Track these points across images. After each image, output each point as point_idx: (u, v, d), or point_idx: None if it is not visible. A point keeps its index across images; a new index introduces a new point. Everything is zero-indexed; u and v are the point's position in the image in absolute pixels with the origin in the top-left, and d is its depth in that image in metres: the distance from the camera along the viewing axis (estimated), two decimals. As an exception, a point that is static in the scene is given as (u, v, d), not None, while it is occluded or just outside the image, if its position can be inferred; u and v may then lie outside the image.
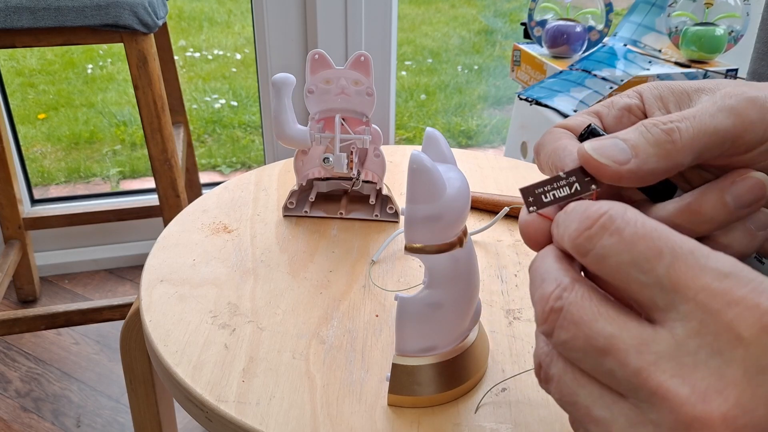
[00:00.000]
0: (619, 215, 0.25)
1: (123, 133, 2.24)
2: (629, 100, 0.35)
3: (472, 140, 2.34)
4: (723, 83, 0.32)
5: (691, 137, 0.29)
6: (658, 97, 0.34)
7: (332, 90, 0.56)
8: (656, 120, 0.30)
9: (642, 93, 0.35)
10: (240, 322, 0.48)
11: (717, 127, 0.29)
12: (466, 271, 0.39)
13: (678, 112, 0.30)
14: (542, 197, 0.33)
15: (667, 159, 0.29)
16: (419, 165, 0.34)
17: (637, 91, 0.35)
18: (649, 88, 0.35)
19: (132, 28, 0.87)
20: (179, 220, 0.61)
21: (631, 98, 0.35)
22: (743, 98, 0.29)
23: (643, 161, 0.29)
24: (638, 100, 0.35)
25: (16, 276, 1.32)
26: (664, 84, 0.34)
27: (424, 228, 0.36)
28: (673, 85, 0.34)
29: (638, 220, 0.24)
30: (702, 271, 0.22)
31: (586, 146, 0.30)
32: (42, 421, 1.08)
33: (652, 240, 0.23)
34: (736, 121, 0.29)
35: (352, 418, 0.40)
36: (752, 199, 0.30)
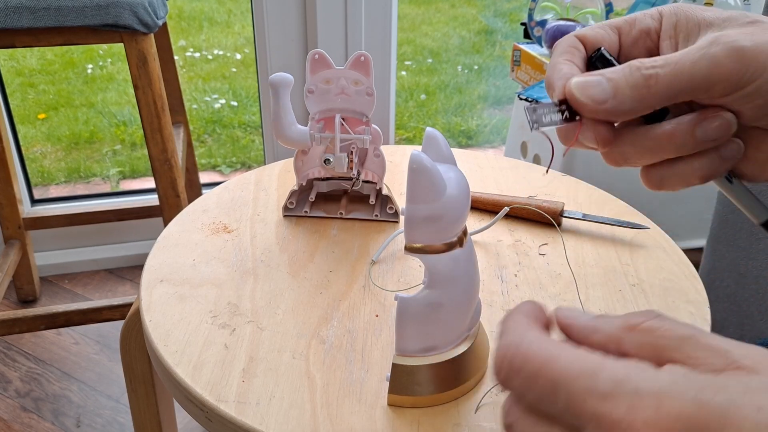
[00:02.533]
0: (519, 354, 0.27)
1: (123, 133, 2.24)
2: (650, 22, 0.37)
3: (472, 140, 2.34)
4: (731, 21, 0.34)
5: (666, 84, 0.33)
6: (674, 25, 0.36)
7: (332, 90, 0.56)
8: (640, 63, 0.33)
9: (663, 16, 0.37)
10: (240, 322, 0.48)
11: (693, 74, 0.32)
12: (466, 271, 0.39)
13: (664, 56, 0.33)
14: (542, 118, 0.36)
15: (642, 102, 0.33)
16: (419, 165, 0.34)
17: (660, 11, 0.37)
18: (669, 13, 0.37)
19: (132, 28, 0.87)
20: (179, 220, 0.61)
21: (652, 20, 0.37)
22: (729, 47, 0.32)
23: (620, 102, 0.33)
24: (658, 23, 0.37)
25: (16, 276, 1.32)
26: (683, 10, 0.36)
27: (424, 228, 0.36)
28: (690, 14, 0.36)
29: (533, 355, 0.26)
30: (589, 395, 0.24)
31: (573, 82, 0.34)
32: (42, 421, 1.08)
33: (547, 374, 0.25)
34: (713, 70, 0.32)
35: (352, 418, 0.40)
36: (717, 135, 0.34)
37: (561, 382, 0.25)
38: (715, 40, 0.33)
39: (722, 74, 0.33)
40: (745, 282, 0.80)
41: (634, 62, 0.34)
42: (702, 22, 0.35)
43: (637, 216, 0.63)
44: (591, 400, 0.24)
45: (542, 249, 0.58)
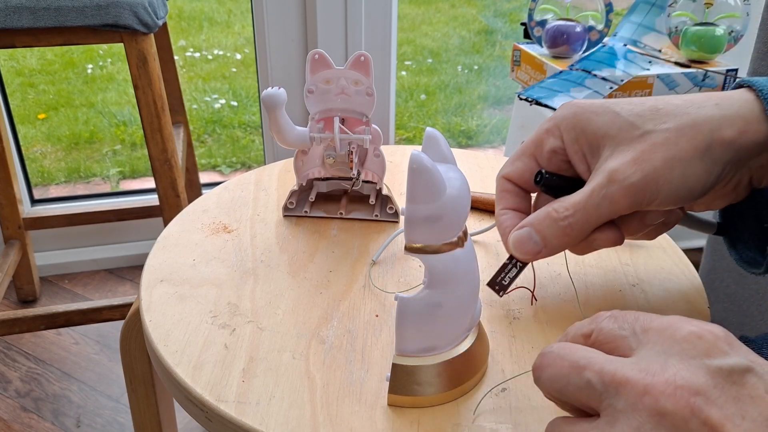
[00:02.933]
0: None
1: (123, 133, 2.24)
2: (554, 142, 0.44)
3: (472, 140, 2.34)
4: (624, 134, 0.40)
5: (581, 227, 0.41)
6: (575, 140, 0.43)
7: (332, 90, 0.56)
8: (556, 213, 0.41)
9: (562, 135, 0.43)
10: (240, 322, 0.48)
11: (600, 214, 0.41)
12: (467, 271, 0.39)
13: (573, 202, 0.41)
14: (503, 282, 0.47)
15: (568, 243, 0.42)
16: (419, 165, 0.34)
17: (559, 128, 0.44)
18: (567, 129, 0.43)
19: (132, 28, 0.87)
20: (179, 220, 0.61)
21: (555, 139, 0.44)
22: (623, 187, 0.39)
23: (551, 248, 0.42)
24: (560, 141, 0.44)
25: (16, 276, 1.32)
26: (579, 124, 0.43)
27: (425, 228, 0.36)
28: (586, 128, 0.42)
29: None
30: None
31: (510, 242, 0.44)
32: (42, 421, 1.08)
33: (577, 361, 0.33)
34: (614, 208, 0.40)
35: (352, 418, 0.40)
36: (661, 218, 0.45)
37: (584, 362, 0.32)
38: (611, 178, 0.40)
39: (623, 208, 0.40)
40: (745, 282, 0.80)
41: (552, 212, 0.42)
42: (599, 135, 0.41)
43: (637, 216, 0.63)
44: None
45: (542, 249, 0.58)
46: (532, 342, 0.46)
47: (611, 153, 0.40)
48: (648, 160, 0.39)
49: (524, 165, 0.46)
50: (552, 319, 0.49)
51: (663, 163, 0.39)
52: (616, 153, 0.40)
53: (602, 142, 0.41)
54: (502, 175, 0.47)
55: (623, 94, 1.01)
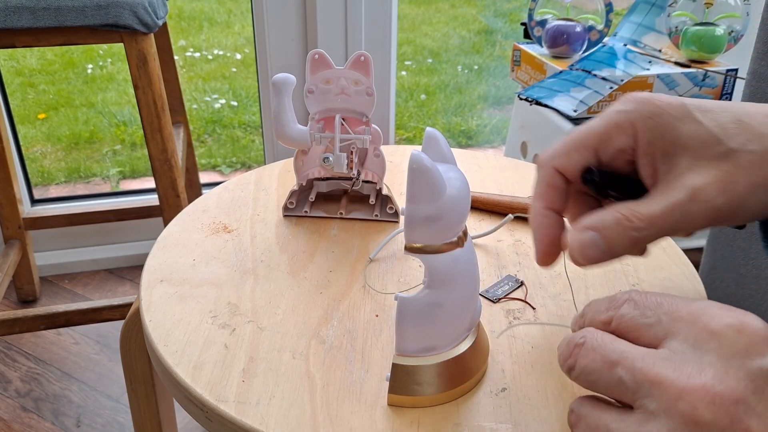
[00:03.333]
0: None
1: (123, 133, 2.24)
2: (625, 141, 0.40)
3: (472, 140, 2.34)
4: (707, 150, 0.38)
5: (651, 239, 0.39)
6: (649, 142, 0.39)
7: (332, 90, 0.56)
8: (629, 222, 0.38)
9: (637, 133, 0.40)
10: (240, 322, 0.48)
11: (675, 229, 0.38)
12: (466, 271, 0.39)
13: (649, 214, 0.38)
14: (498, 291, 0.50)
15: (632, 252, 0.40)
16: (419, 165, 0.34)
17: (634, 126, 0.40)
18: (643, 129, 0.39)
19: (132, 28, 0.87)
20: (179, 220, 0.61)
21: (627, 137, 0.40)
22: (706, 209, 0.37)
23: (613, 255, 0.39)
24: (632, 140, 0.40)
25: (16, 276, 1.31)
26: (658, 128, 0.39)
27: (425, 228, 0.36)
28: (665, 132, 0.39)
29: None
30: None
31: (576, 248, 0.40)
32: (42, 421, 1.08)
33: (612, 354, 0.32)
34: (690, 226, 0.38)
35: (352, 418, 0.40)
36: None
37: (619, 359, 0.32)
38: (694, 197, 0.37)
39: (698, 226, 0.38)
40: (745, 282, 0.80)
41: (623, 220, 0.38)
42: (679, 145, 0.38)
43: (637, 216, 0.63)
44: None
45: (542, 249, 0.58)
46: (532, 342, 0.46)
47: (690, 167, 0.38)
48: (732, 184, 0.37)
49: (583, 159, 0.41)
50: (552, 319, 0.49)
51: (746, 188, 0.37)
52: (698, 168, 0.38)
53: (680, 152, 0.39)
54: (555, 167, 0.41)
55: (623, 94, 1.01)
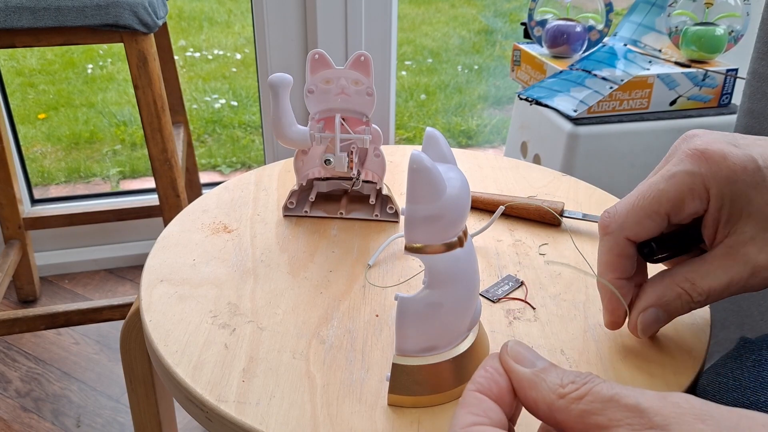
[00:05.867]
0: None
1: (123, 133, 2.24)
2: (698, 206, 0.39)
3: (472, 140, 2.34)
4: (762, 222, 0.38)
5: (705, 304, 0.41)
6: (719, 208, 0.39)
7: (332, 90, 0.56)
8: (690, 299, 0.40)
9: (711, 197, 0.39)
10: (240, 322, 0.48)
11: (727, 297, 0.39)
12: (467, 271, 0.39)
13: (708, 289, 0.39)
14: (496, 292, 0.51)
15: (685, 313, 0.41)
16: (419, 165, 0.34)
17: (708, 190, 0.39)
18: (716, 195, 0.39)
19: (132, 28, 0.87)
20: (179, 220, 0.61)
21: (701, 203, 0.39)
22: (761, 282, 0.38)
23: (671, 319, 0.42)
24: (705, 204, 0.39)
25: (16, 276, 1.31)
26: (731, 195, 0.38)
27: (425, 228, 0.36)
28: (735, 198, 0.38)
29: None
30: None
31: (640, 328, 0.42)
32: (42, 421, 1.08)
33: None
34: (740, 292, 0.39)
35: (352, 418, 0.40)
36: None
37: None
38: (755, 273, 0.38)
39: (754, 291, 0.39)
40: (745, 282, 0.80)
41: (684, 294, 0.40)
42: (745, 211, 0.38)
43: (637, 216, 0.63)
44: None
45: (542, 249, 0.58)
46: (532, 342, 0.46)
47: (754, 237, 0.38)
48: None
49: (656, 226, 0.40)
50: (552, 319, 0.49)
51: None
52: (760, 241, 0.38)
53: (746, 219, 0.38)
54: (627, 237, 0.41)
55: (623, 93, 1.01)
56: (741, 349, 0.41)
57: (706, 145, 0.38)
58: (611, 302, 0.43)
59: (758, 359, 0.39)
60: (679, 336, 0.47)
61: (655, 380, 0.43)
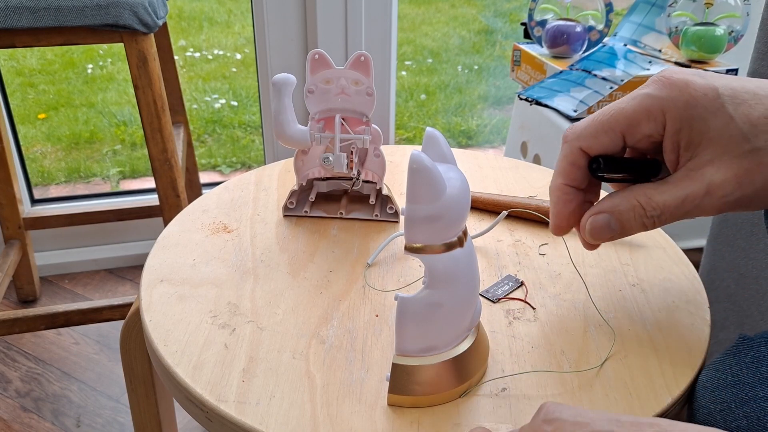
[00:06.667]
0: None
1: (123, 133, 2.24)
2: (653, 128, 0.40)
3: (472, 140, 2.34)
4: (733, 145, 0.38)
5: (661, 225, 0.41)
6: (677, 131, 0.40)
7: (332, 90, 0.56)
8: (643, 210, 0.40)
9: (666, 123, 0.40)
10: (240, 322, 0.48)
11: (684, 217, 0.40)
12: (467, 271, 0.39)
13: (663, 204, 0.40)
14: (498, 291, 0.51)
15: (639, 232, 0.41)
16: (419, 165, 0.34)
17: (664, 114, 0.40)
18: (673, 119, 0.39)
19: (132, 28, 0.87)
20: (179, 220, 0.61)
21: (656, 125, 0.40)
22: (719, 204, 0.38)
23: (624, 235, 0.41)
24: (661, 128, 0.40)
25: (16, 276, 1.31)
26: (687, 118, 0.39)
27: (425, 228, 0.36)
28: (694, 123, 0.39)
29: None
30: None
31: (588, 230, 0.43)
32: (42, 421, 1.08)
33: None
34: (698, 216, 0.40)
35: (352, 418, 0.40)
36: None
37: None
38: (710, 192, 0.38)
39: (707, 215, 0.40)
40: (745, 282, 0.80)
41: (638, 207, 0.40)
42: (705, 136, 0.39)
43: (637, 216, 0.63)
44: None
45: (542, 249, 0.58)
46: (532, 342, 0.46)
47: (712, 160, 0.38)
48: (750, 181, 0.38)
49: (610, 142, 0.41)
50: (552, 319, 0.49)
51: (762, 185, 0.38)
52: (719, 162, 0.38)
53: (706, 143, 0.39)
54: (580, 147, 0.42)
55: (623, 94, 1.01)
56: (740, 346, 0.42)
57: (672, 73, 0.40)
58: (556, 206, 0.44)
59: (757, 356, 0.39)
60: (679, 336, 0.47)
61: (655, 381, 0.43)
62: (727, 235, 0.83)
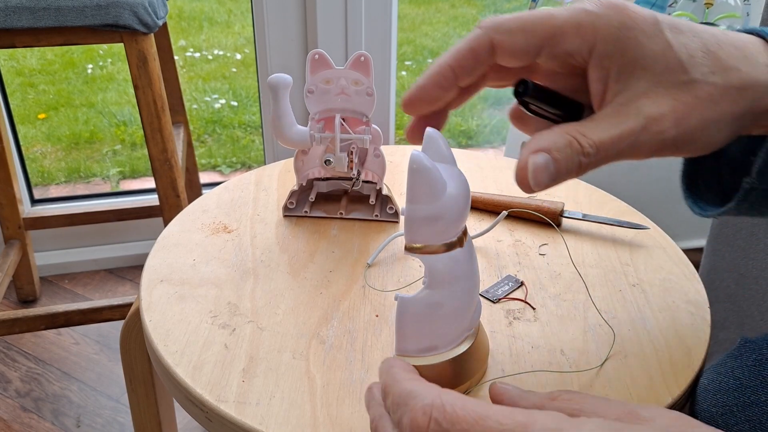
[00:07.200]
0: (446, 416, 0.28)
1: (123, 133, 2.24)
2: (579, 46, 0.36)
3: (472, 140, 2.34)
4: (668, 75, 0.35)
5: (596, 166, 0.36)
6: (607, 55, 0.35)
7: (332, 90, 0.56)
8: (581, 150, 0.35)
9: (597, 41, 0.36)
10: (240, 322, 0.48)
11: (619, 154, 0.36)
12: (467, 271, 0.39)
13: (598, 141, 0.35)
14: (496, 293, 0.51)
15: (574, 177, 0.36)
16: (419, 165, 0.34)
17: (595, 34, 0.35)
18: (606, 38, 0.35)
19: (132, 28, 0.87)
20: (179, 220, 0.61)
21: (582, 43, 0.36)
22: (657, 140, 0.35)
23: (558, 180, 0.36)
24: (588, 48, 0.36)
25: (16, 276, 1.31)
26: (621, 44, 0.35)
27: (424, 228, 0.36)
28: (627, 51, 0.35)
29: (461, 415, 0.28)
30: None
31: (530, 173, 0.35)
32: (42, 421, 1.08)
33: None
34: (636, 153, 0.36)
35: (352, 418, 0.40)
36: None
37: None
38: (647, 127, 0.35)
39: (642, 156, 0.36)
40: (745, 282, 0.80)
41: (574, 143, 0.35)
42: (639, 62, 0.35)
43: (637, 216, 0.63)
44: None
45: (542, 249, 0.58)
46: (532, 342, 0.46)
47: (647, 92, 0.35)
48: (687, 117, 0.35)
49: (525, 44, 0.36)
50: (552, 319, 0.49)
51: (700, 122, 0.35)
52: (654, 94, 0.35)
53: (640, 72, 0.35)
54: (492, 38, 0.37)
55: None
56: (741, 349, 0.41)
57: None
58: (426, 79, 0.38)
59: (759, 359, 0.39)
60: (679, 336, 0.47)
61: (655, 380, 0.43)
62: (727, 235, 0.83)
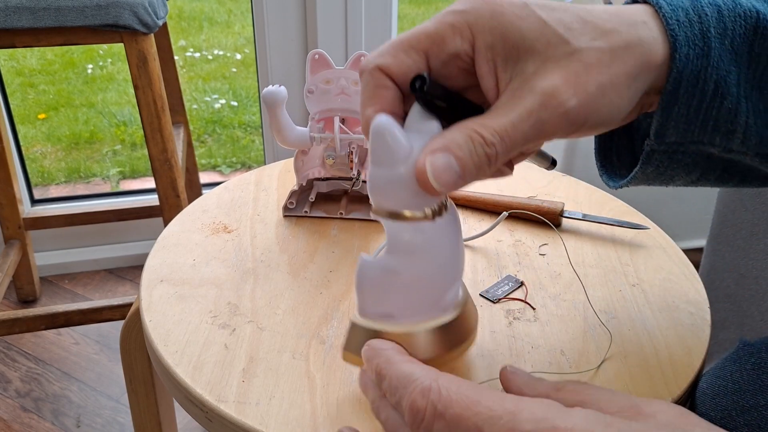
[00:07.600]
0: (441, 399, 0.29)
1: (123, 133, 2.24)
2: (461, 45, 0.36)
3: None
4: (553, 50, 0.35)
5: (505, 156, 0.35)
6: (489, 46, 0.35)
7: (332, 90, 0.56)
8: (482, 141, 0.34)
9: (474, 38, 0.35)
10: (240, 322, 0.48)
11: (526, 139, 0.34)
12: (436, 247, 0.38)
13: (499, 128, 0.34)
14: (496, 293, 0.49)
15: (486, 174, 0.35)
16: (379, 127, 0.34)
17: (471, 29, 0.35)
18: (482, 32, 0.35)
19: (132, 28, 0.87)
20: (179, 220, 0.61)
21: (462, 41, 0.36)
22: (557, 114, 0.34)
23: (468, 179, 0.35)
24: (470, 45, 0.36)
25: (16, 276, 1.32)
26: (499, 31, 0.35)
27: (388, 192, 0.35)
28: (507, 35, 0.35)
29: (455, 399, 0.29)
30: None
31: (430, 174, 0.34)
32: (42, 421, 1.08)
33: (471, 417, 0.28)
34: (542, 134, 0.34)
35: (352, 418, 0.40)
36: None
37: (485, 424, 0.28)
38: (545, 103, 0.34)
39: (552, 135, 0.35)
40: (745, 282, 0.80)
41: (474, 136, 0.34)
42: (523, 47, 0.35)
43: (637, 216, 0.63)
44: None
45: (542, 249, 0.58)
46: (532, 342, 0.46)
47: (536, 70, 0.35)
48: (583, 84, 0.34)
49: (411, 62, 0.36)
50: (552, 320, 0.49)
51: (596, 89, 0.34)
52: (544, 71, 0.35)
53: (525, 56, 0.35)
54: (378, 66, 0.37)
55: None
56: (740, 352, 0.41)
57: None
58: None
59: (758, 362, 0.39)
60: (678, 336, 0.47)
61: (655, 380, 0.43)
62: (727, 235, 0.83)
